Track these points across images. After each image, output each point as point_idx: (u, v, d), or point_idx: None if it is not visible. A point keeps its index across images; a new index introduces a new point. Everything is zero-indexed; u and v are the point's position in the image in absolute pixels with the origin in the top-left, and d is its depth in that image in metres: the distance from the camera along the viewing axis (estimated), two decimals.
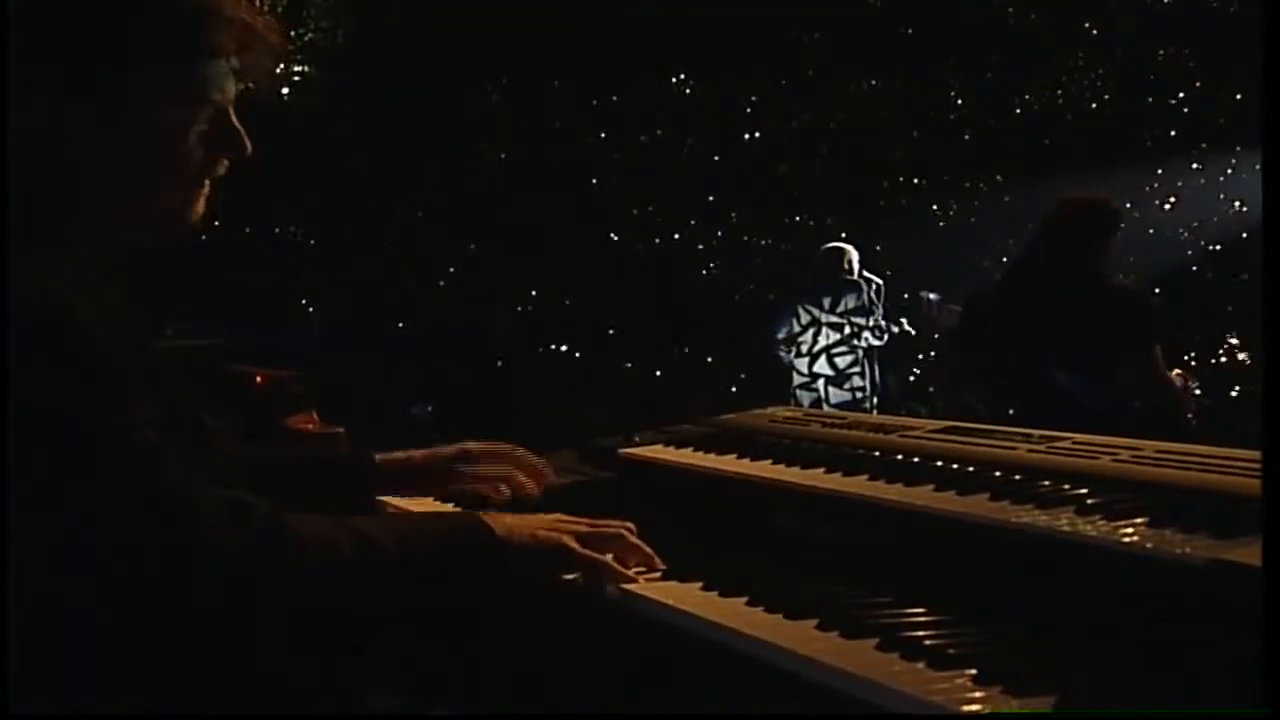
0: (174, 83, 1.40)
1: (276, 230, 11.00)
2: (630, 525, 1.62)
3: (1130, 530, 1.41)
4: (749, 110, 11.13)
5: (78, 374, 1.23)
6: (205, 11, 1.41)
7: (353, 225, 10.61)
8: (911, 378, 9.91)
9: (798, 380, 7.71)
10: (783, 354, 7.76)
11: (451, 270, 11.08)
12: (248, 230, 10.61)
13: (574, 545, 1.53)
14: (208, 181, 1.47)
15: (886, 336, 7.72)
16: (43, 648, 1.23)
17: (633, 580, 1.55)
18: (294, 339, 9.84)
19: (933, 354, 9.55)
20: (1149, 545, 1.36)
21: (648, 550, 1.60)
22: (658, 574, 1.59)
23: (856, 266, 7.74)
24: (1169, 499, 1.50)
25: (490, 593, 1.50)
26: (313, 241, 10.76)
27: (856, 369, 7.64)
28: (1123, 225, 4.46)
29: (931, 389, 9.38)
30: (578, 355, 11.06)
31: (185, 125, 1.41)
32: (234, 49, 1.44)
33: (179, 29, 1.39)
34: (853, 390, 7.64)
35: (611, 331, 11.08)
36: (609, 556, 1.55)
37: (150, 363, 1.34)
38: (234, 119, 1.46)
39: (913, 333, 7.98)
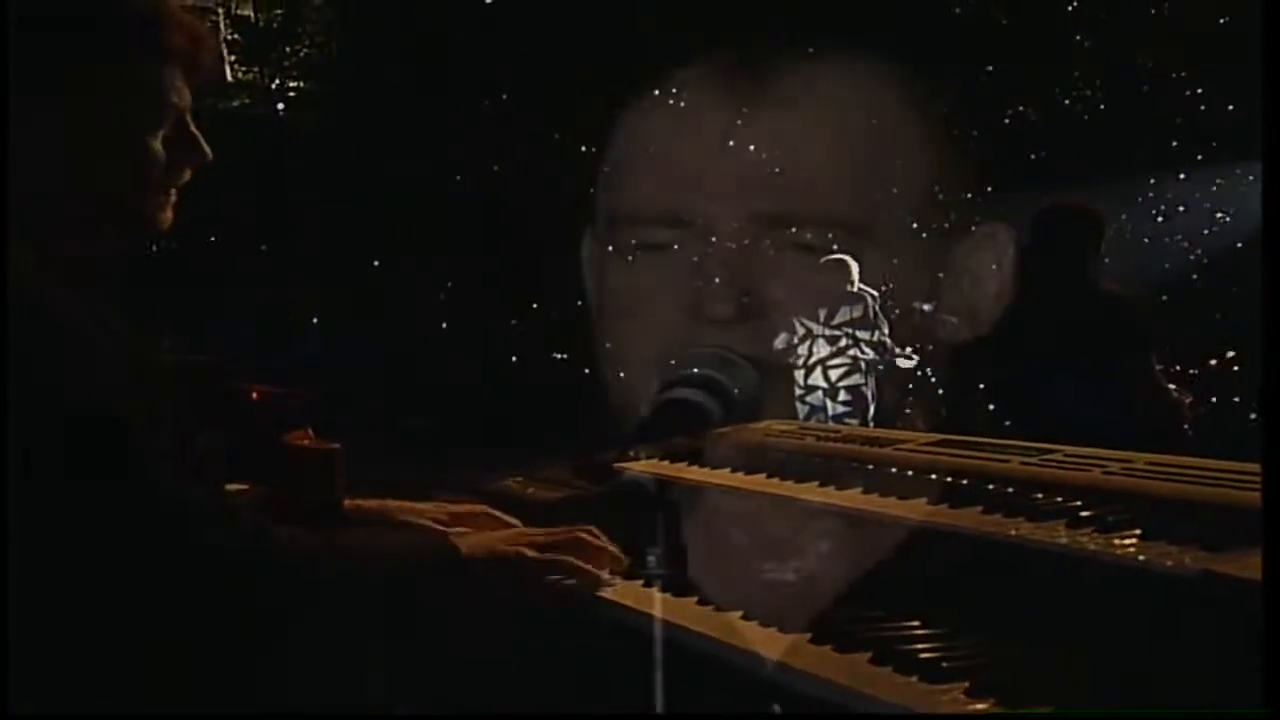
0: (132, 84, 1.41)
1: (272, 245, 10.98)
2: (591, 528, 1.69)
3: (1123, 542, 1.41)
4: None
5: (67, 369, 1.23)
6: (156, 14, 1.42)
7: (349, 239, 10.59)
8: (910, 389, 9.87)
9: (796, 393, 7.65)
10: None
11: (449, 283, 11.06)
12: (242, 246, 10.58)
13: (529, 552, 1.61)
14: (174, 190, 1.48)
15: (890, 359, 7.65)
16: (41, 647, 1.22)
17: (595, 578, 1.63)
18: (290, 354, 9.81)
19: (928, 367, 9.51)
20: (1142, 557, 1.36)
21: (612, 550, 1.68)
22: (621, 570, 1.66)
23: (856, 279, 7.70)
24: (1162, 511, 1.50)
25: (457, 606, 1.54)
26: (308, 256, 10.74)
27: (856, 382, 7.58)
28: (1105, 229, 4.45)
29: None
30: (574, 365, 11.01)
31: (147, 128, 1.42)
32: (186, 51, 1.45)
33: (134, 31, 1.41)
34: (853, 403, 7.57)
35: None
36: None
37: (137, 366, 1.33)
38: (192, 125, 1.47)
39: (915, 361, 7.92)
